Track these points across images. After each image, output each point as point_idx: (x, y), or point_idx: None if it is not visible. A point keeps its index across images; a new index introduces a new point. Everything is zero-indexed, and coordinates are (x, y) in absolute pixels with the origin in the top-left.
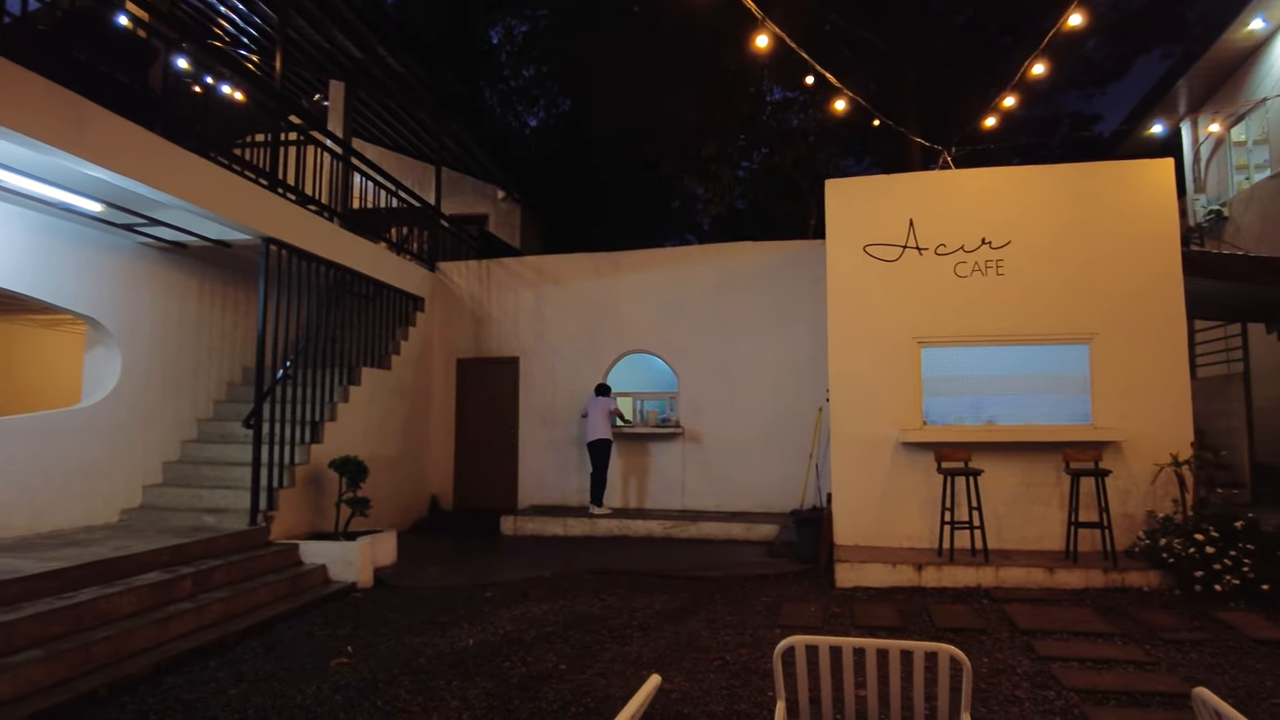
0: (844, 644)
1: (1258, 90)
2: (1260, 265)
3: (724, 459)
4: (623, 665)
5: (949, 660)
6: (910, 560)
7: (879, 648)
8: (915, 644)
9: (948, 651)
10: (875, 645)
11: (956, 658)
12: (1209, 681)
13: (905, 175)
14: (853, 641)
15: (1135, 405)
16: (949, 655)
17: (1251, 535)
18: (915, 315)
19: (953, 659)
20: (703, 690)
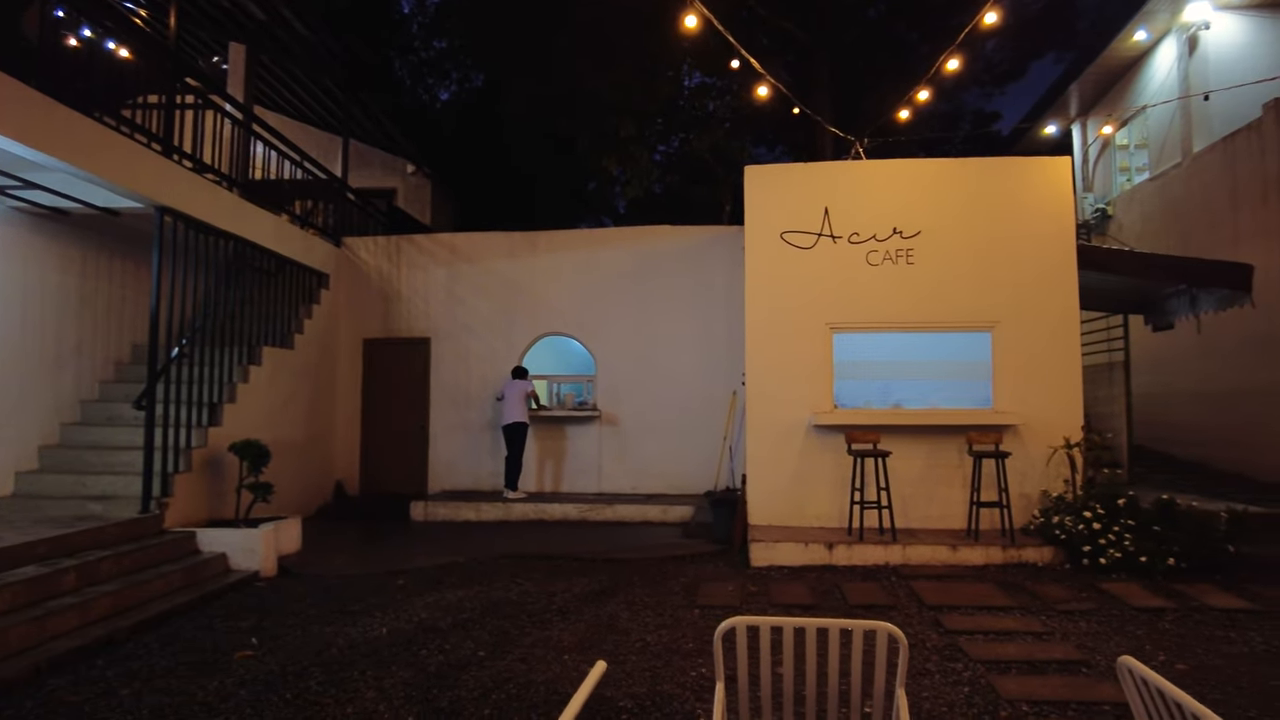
0: (784, 624)
1: (1140, 97)
2: (1143, 260)
3: (641, 442)
4: (543, 650)
5: (887, 638)
6: (822, 539)
7: (819, 626)
8: (855, 622)
9: (886, 629)
10: (815, 624)
11: (894, 635)
12: (1097, 648)
13: (822, 164)
14: (793, 621)
15: (1032, 391)
16: (887, 633)
17: (1132, 512)
18: (829, 302)
19: (890, 636)
20: (625, 673)
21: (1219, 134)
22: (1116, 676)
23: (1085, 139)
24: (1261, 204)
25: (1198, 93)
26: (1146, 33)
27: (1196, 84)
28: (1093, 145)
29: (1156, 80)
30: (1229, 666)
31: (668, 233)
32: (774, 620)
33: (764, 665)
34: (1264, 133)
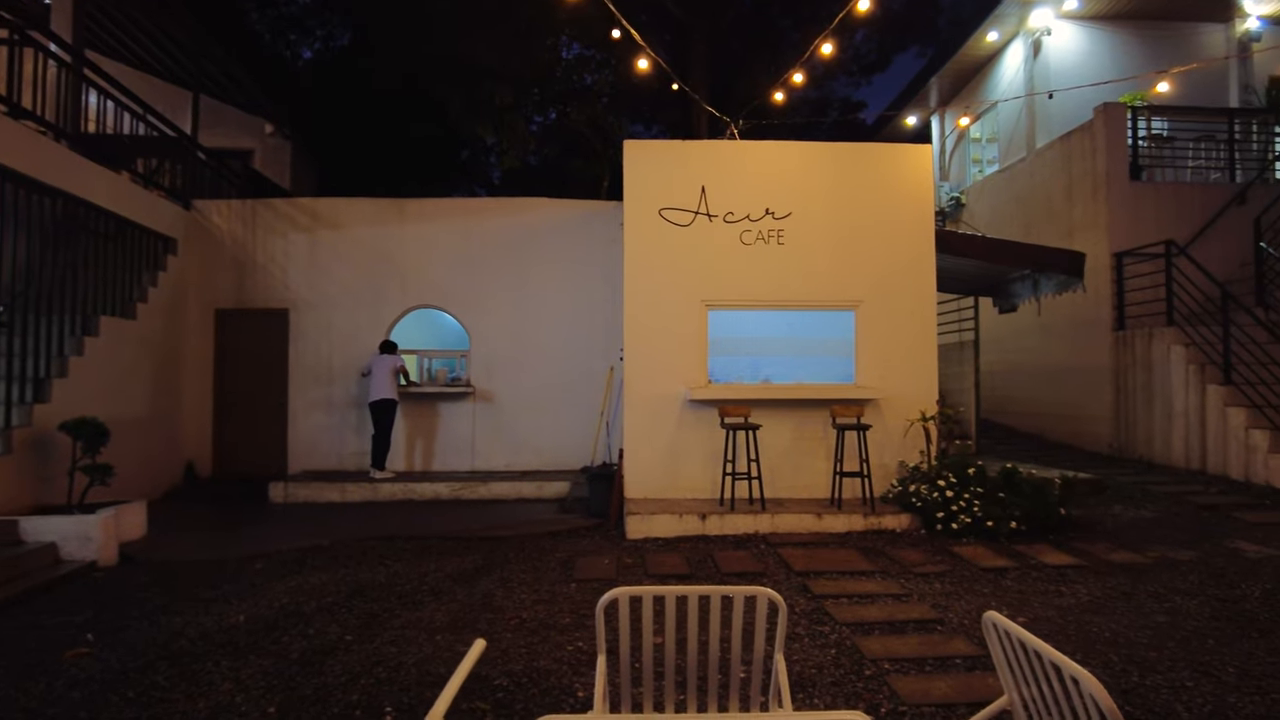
0: (667, 592)
1: (992, 94)
2: (994, 246)
3: (516, 418)
4: (415, 631)
5: (767, 603)
6: (695, 511)
7: (701, 594)
8: (736, 589)
9: (766, 594)
10: (697, 591)
11: (774, 600)
12: (950, 607)
13: (700, 143)
14: (676, 590)
15: (892, 367)
16: (767, 598)
17: (980, 480)
18: (705, 279)
19: (770, 601)
20: (500, 650)
21: (1058, 132)
22: (967, 633)
23: (943, 131)
24: (1091, 199)
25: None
26: (998, 34)
27: (1040, 85)
28: (950, 137)
29: (1006, 79)
30: (1060, 617)
31: (546, 205)
32: (656, 589)
33: (645, 635)
34: (1095, 133)
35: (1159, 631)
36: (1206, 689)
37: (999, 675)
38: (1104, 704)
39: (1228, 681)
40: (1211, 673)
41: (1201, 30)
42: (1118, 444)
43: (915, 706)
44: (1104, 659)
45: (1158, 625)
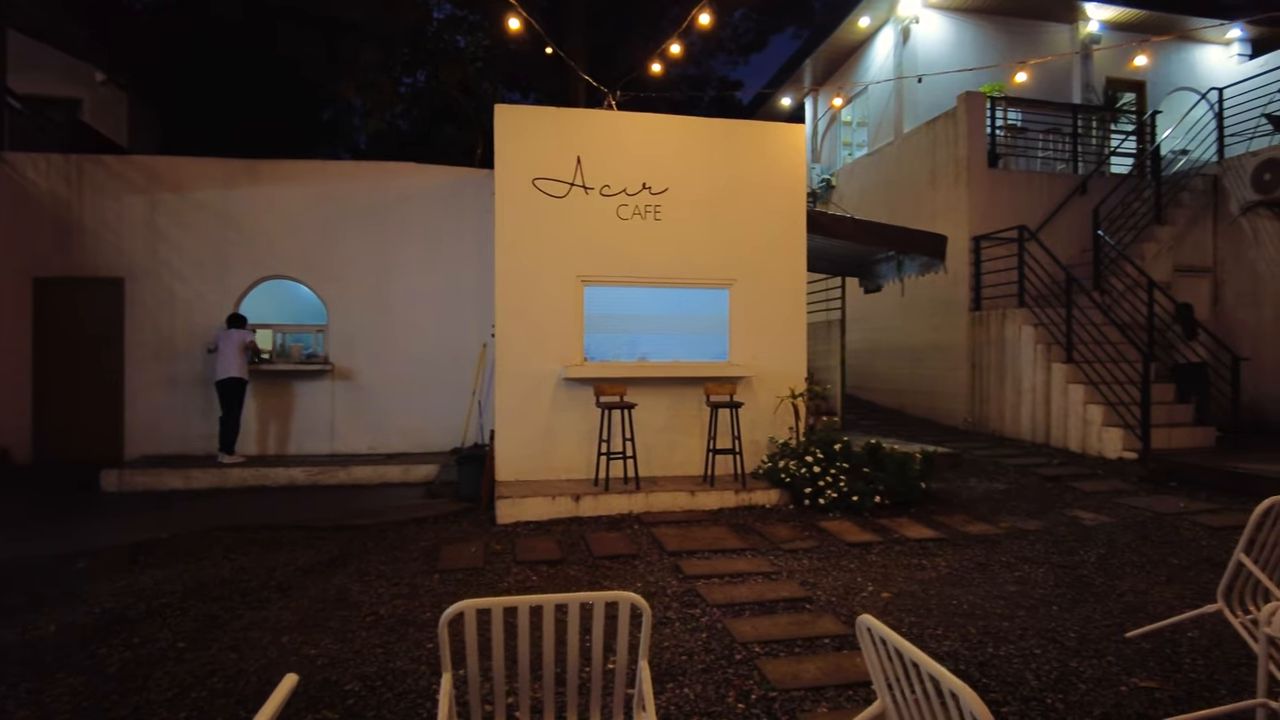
0: (519, 603)
1: (863, 77)
2: (862, 227)
3: (380, 397)
4: (259, 633)
5: (629, 608)
6: (569, 492)
7: (558, 603)
8: (595, 595)
9: (628, 599)
10: (554, 600)
11: (637, 605)
12: (818, 584)
13: (575, 111)
14: (528, 600)
15: (763, 345)
16: (629, 603)
17: (846, 456)
18: (580, 253)
19: (633, 606)
20: (353, 651)
21: (924, 118)
22: (834, 611)
23: (816, 112)
24: (953, 184)
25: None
26: (869, 19)
27: (908, 71)
28: (822, 119)
29: (877, 64)
30: (922, 591)
31: (414, 171)
32: (507, 600)
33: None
34: (957, 120)
35: (1011, 601)
36: (1053, 655)
37: (873, 680)
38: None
39: (1070, 646)
40: (1056, 639)
41: (1051, 29)
42: (973, 419)
43: (785, 691)
44: (963, 632)
45: (1009, 595)
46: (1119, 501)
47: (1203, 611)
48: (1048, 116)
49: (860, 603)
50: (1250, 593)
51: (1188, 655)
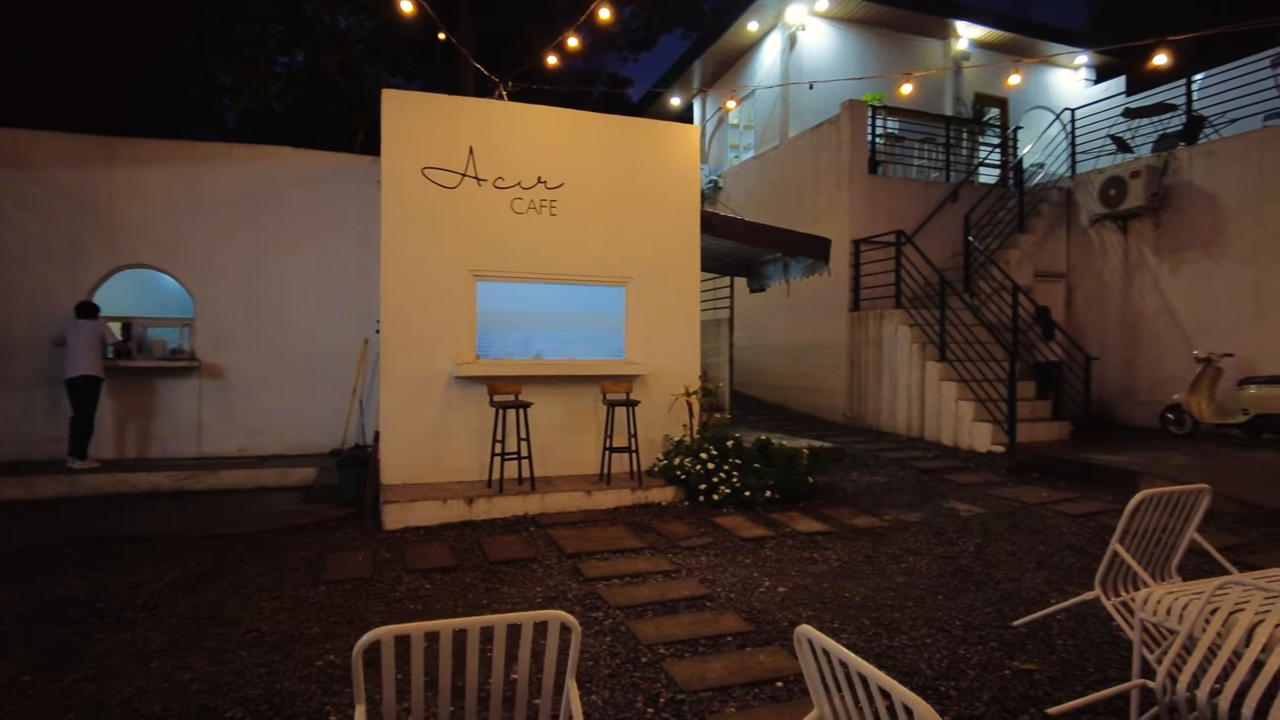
0: (441, 628)
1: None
2: (752, 229)
3: (253, 396)
4: (122, 659)
5: (559, 627)
6: (462, 495)
7: (483, 625)
8: (524, 615)
9: (558, 618)
10: (478, 623)
11: (567, 623)
12: (717, 580)
13: (468, 100)
14: (452, 624)
15: (658, 343)
16: (559, 622)
17: (738, 452)
18: (473, 247)
19: (563, 625)
20: (234, 673)
21: (809, 124)
22: (735, 608)
23: (704, 113)
24: (835, 188)
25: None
26: (757, 24)
27: (795, 77)
28: (711, 120)
29: (764, 68)
30: (816, 585)
31: (291, 156)
32: (428, 625)
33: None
34: (841, 127)
35: (899, 592)
36: (942, 644)
37: (810, 688)
38: None
39: (957, 634)
40: (944, 628)
41: (927, 44)
42: (852, 414)
43: (693, 693)
44: (858, 624)
45: (898, 586)
46: (990, 493)
47: (1083, 599)
48: (923, 127)
49: (759, 598)
50: (1123, 579)
51: (1059, 638)
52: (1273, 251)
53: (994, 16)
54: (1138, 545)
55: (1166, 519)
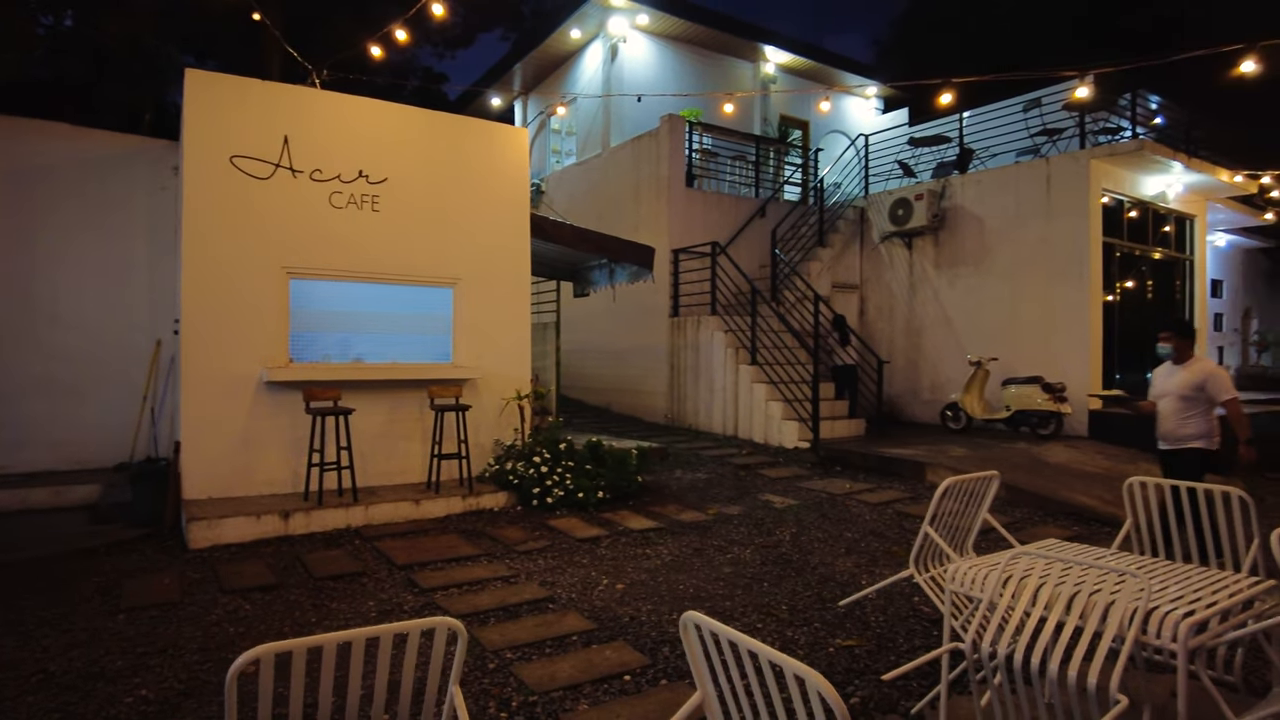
0: (324, 642)
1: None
2: (581, 235)
3: (19, 405)
4: None
5: (446, 634)
6: (276, 508)
7: (369, 636)
8: (408, 624)
9: (445, 625)
10: (363, 634)
11: (454, 628)
12: (557, 582)
13: (284, 86)
14: (335, 637)
15: (488, 346)
16: (446, 629)
17: (570, 454)
18: (286, 243)
19: (450, 631)
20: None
21: (630, 134)
22: (577, 607)
23: (525, 116)
24: (655, 199)
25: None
26: (580, 32)
27: (616, 87)
28: (533, 123)
29: (586, 76)
30: (651, 579)
31: (66, 134)
32: (311, 640)
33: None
34: (661, 140)
35: (728, 581)
36: (772, 627)
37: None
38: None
39: (784, 618)
40: (772, 612)
41: (739, 65)
42: (672, 415)
43: (545, 693)
44: None
45: (726, 576)
46: (800, 485)
47: (899, 577)
48: (735, 145)
49: (598, 596)
50: (931, 557)
51: (872, 615)
52: (1026, 269)
53: (797, 44)
54: (942, 527)
55: (965, 503)
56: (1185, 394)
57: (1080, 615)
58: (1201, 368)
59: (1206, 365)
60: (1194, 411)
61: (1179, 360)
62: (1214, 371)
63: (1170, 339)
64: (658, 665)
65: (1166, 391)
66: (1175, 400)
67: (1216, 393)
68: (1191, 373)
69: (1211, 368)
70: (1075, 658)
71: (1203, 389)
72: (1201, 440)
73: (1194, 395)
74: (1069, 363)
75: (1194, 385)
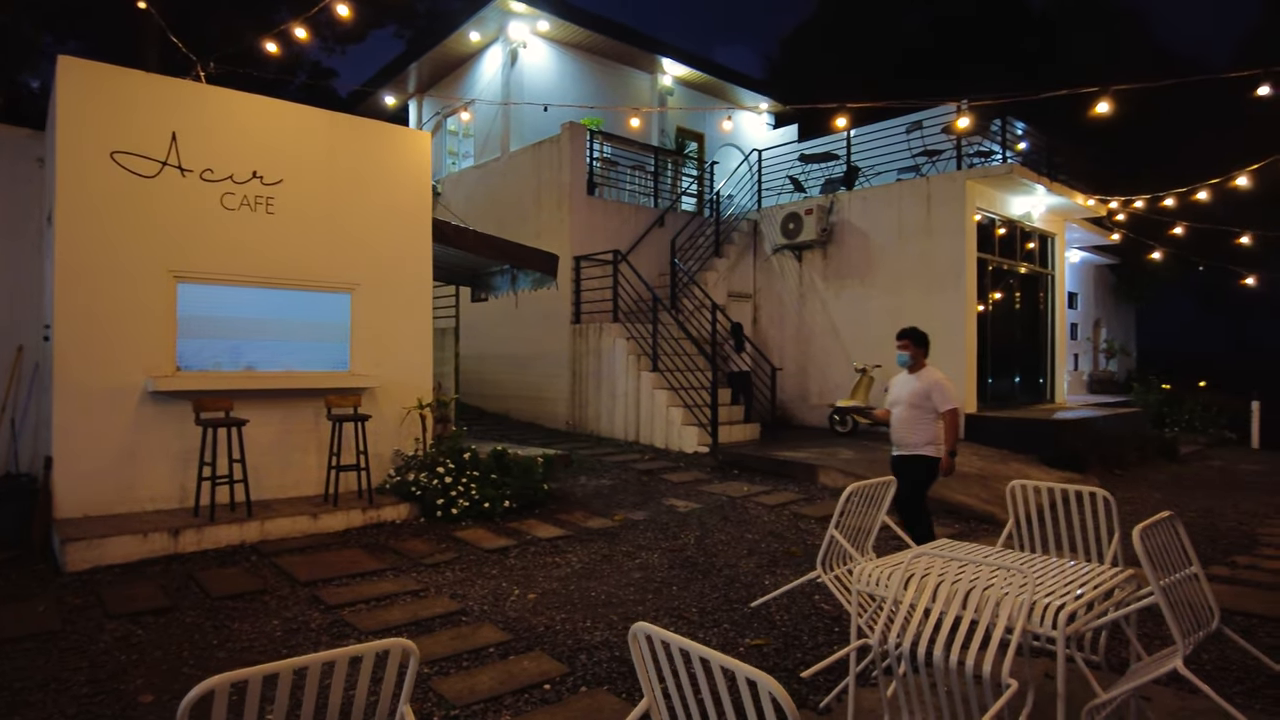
0: (281, 669)
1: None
2: (483, 240)
3: None
4: None
5: (400, 653)
6: (165, 526)
7: (325, 661)
8: (362, 647)
9: (399, 645)
10: (320, 659)
11: (407, 648)
12: (468, 594)
13: (173, 80)
14: (292, 663)
15: (388, 354)
16: (400, 649)
17: (475, 464)
18: (174, 244)
19: (404, 650)
20: None
21: (530, 139)
22: (491, 619)
23: (420, 117)
24: (557, 206)
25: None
26: (479, 35)
27: (515, 92)
28: (428, 124)
29: (485, 79)
30: (563, 588)
31: None
32: (267, 668)
33: None
34: (561, 148)
35: (639, 586)
36: (684, 630)
37: (641, 680)
38: (783, 700)
39: (695, 620)
40: (683, 615)
41: (637, 76)
42: (574, 421)
43: (465, 707)
44: (608, 620)
45: (636, 581)
46: (701, 489)
47: (808, 578)
48: (634, 155)
49: (511, 606)
50: (836, 558)
51: (777, 615)
52: (909, 281)
53: (693, 58)
54: (844, 529)
55: (865, 506)
56: (915, 402)
57: (975, 609)
58: (930, 377)
59: (934, 375)
60: (922, 419)
61: (913, 368)
62: (940, 381)
63: (907, 346)
64: (577, 673)
65: (899, 399)
66: (906, 408)
67: (939, 402)
68: (922, 381)
69: (938, 377)
70: (972, 649)
71: (929, 398)
72: (928, 447)
73: (922, 404)
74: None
75: (922, 394)
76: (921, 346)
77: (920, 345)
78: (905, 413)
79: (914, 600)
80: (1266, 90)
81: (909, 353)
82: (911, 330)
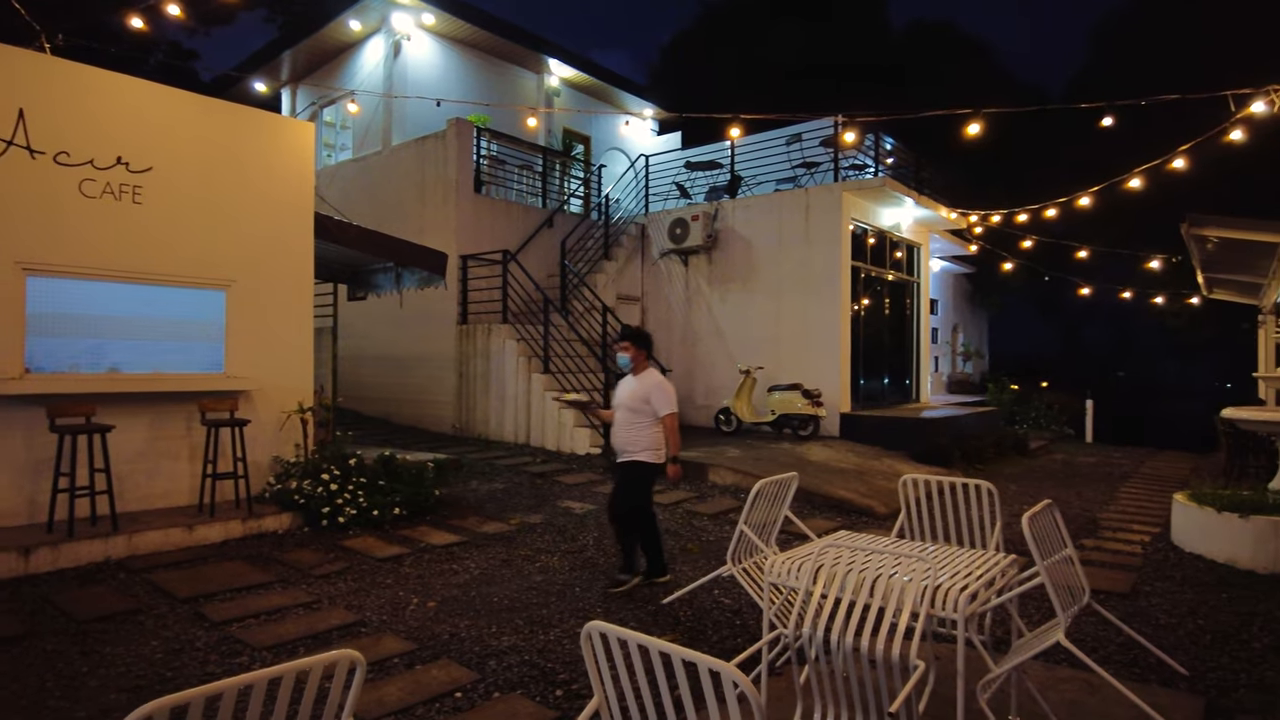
0: (224, 688)
1: (349, 81)
2: (367, 236)
3: None
4: None
5: (348, 666)
6: (13, 544)
7: (271, 677)
8: (309, 660)
9: (348, 657)
10: (265, 676)
11: (355, 659)
12: (364, 605)
13: (21, 51)
14: (235, 681)
15: (266, 355)
16: (348, 661)
17: (361, 470)
18: (22, 233)
19: (351, 661)
20: None
21: (412, 133)
22: (391, 629)
23: (295, 107)
24: (442, 203)
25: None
26: (359, 24)
27: (398, 85)
28: (303, 114)
29: (366, 70)
30: (464, 594)
31: None
32: (211, 688)
33: None
34: (448, 144)
35: (541, 590)
36: None
37: (592, 678)
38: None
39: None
40: (589, 615)
41: (524, 75)
42: (461, 424)
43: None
44: (514, 625)
45: (538, 584)
46: (595, 490)
47: (719, 573)
48: (522, 154)
49: (412, 616)
50: (745, 551)
51: (680, 610)
52: (789, 286)
53: (579, 59)
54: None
55: (770, 502)
56: (634, 405)
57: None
58: (650, 380)
59: (655, 378)
60: (641, 423)
61: (635, 371)
62: (660, 384)
63: (628, 349)
64: (487, 679)
65: (621, 402)
66: (625, 411)
67: (659, 406)
68: (642, 384)
69: (658, 380)
70: (881, 633)
71: (648, 401)
72: (647, 453)
73: (640, 407)
74: (823, 371)
75: (642, 397)
76: (644, 348)
77: (642, 347)
78: (625, 416)
79: (825, 590)
80: (1109, 121)
81: (630, 354)
82: (631, 332)
